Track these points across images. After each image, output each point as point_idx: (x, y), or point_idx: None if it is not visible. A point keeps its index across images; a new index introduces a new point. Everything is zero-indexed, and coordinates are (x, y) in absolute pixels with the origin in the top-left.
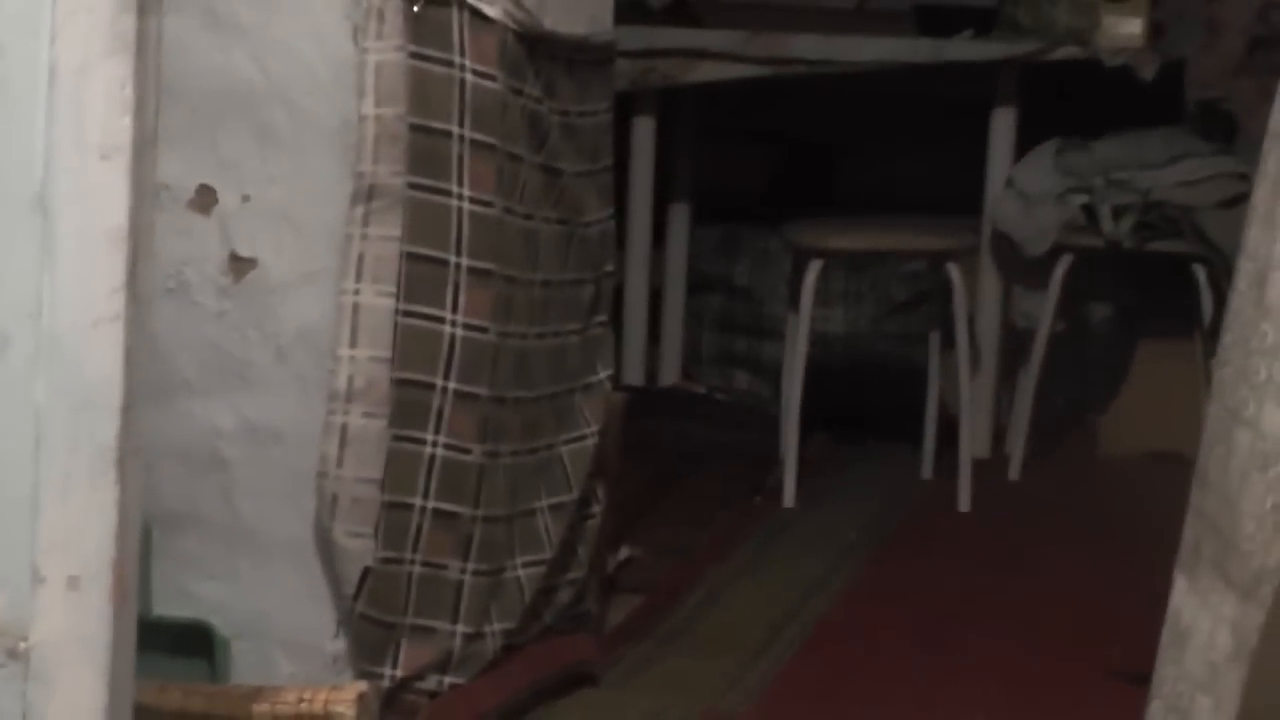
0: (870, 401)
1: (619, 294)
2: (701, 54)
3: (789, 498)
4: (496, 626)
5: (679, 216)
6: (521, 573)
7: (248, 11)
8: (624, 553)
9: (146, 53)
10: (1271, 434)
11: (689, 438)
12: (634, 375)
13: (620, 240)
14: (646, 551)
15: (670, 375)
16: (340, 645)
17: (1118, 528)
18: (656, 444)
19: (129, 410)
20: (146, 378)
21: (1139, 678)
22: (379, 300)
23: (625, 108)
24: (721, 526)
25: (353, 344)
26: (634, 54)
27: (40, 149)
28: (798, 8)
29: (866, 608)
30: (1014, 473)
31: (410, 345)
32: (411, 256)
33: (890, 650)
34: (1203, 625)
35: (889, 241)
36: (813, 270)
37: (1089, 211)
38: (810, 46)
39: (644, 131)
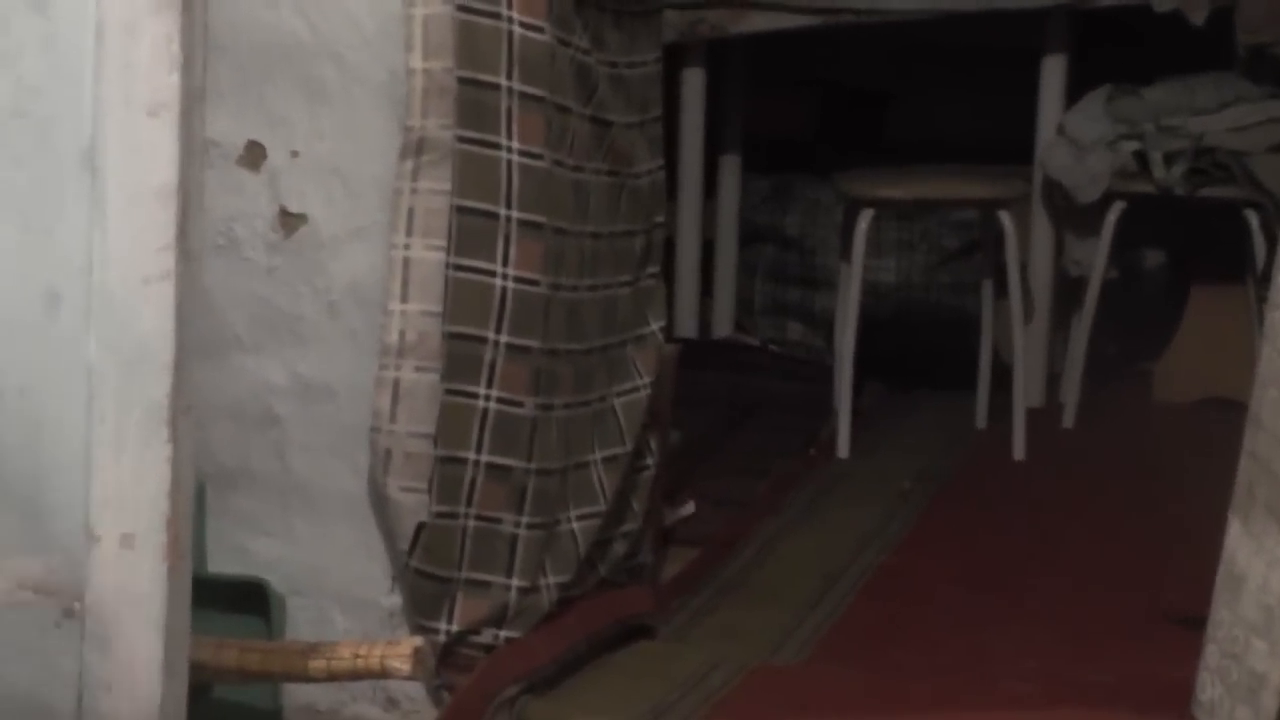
0: (924, 351)
1: (671, 246)
2: (750, 4)
3: (843, 448)
4: (551, 580)
5: (730, 168)
6: (576, 525)
7: None
8: (689, 507)
9: (193, 9)
10: None
11: (743, 389)
12: (687, 327)
13: (671, 192)
14: (702, 503)
15: (723, 327)
16: (395, 600)
17: (1172, 474)
18: (710, 396)
19: (180, 367)
20: (198, 335)
21: (1195, 621)
22: (429, 254)
23: (675, 59)
24: (776, 478)
25: (404, 298)
26: (682, 5)
27: (89, 106)
28: None
29: (921, 557)
30: (1068, 420)
31: (461, 299)
32: (461, 210)
33: (944, 599)
34: (1257, 569)
35: (940, 190)
36: (864, 220)
37: (1140, 158)
38: None
39: (693, 83)
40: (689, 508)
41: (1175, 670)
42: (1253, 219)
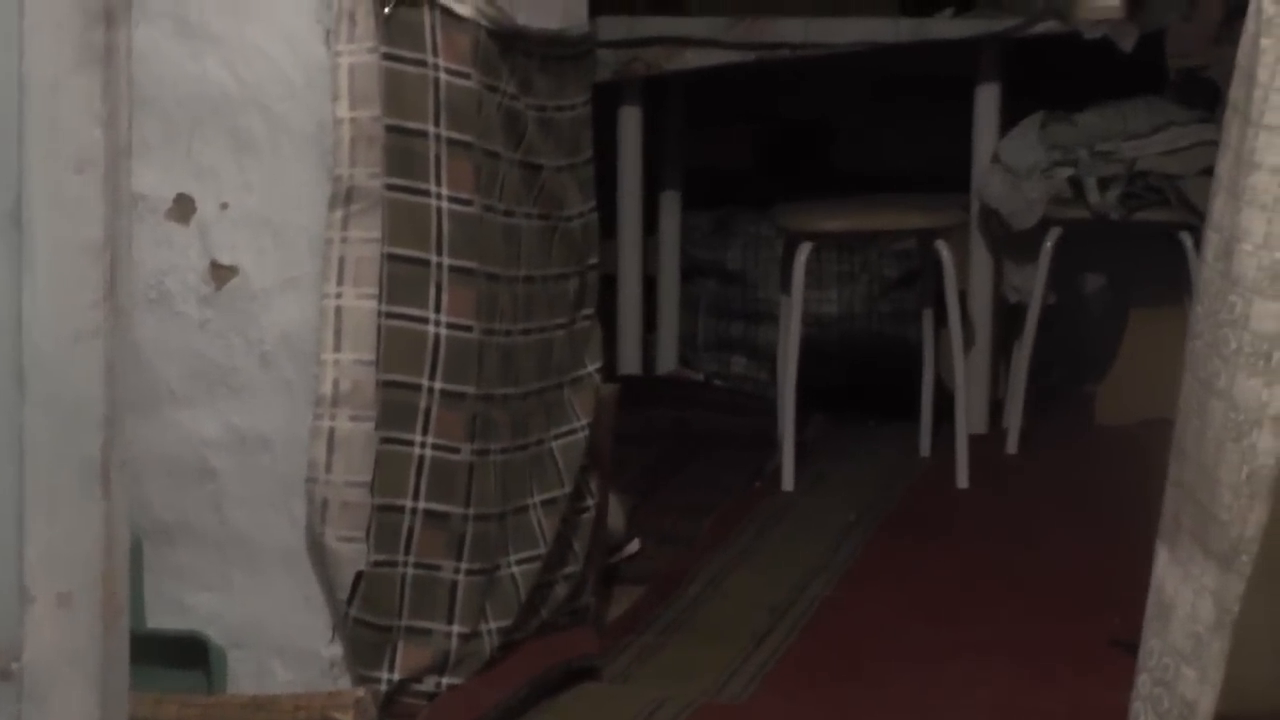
0: (867, 381)
1: (612, 283)
2: (684, 42)
3: (788, 481)
4: (493, 625)
5: (670, 204)
6: (516, 570)
7: (218, 19)
8: (633, 546)
9: (117, 64)
10: (1244, 404)
11: (687, 425)
12: (631, 364)
13: (611, 230)
14: (648, 540)
15: (668, 363)
16: (337, 650)
17: (1116, 497)
18: (655, 432)
19: (113, 423)
20: (131, 389)
21: (1139, 646)
22: (361, 303)
23: (612, 97)
24: (721, 513)
25: (337, 348)
26: (617, 44)
27: (14, 163)
28: None
29: (867, 588)
30: (1012, 446)
31: (394, 347)
32: (392, 258)
33: (892, 629)
34: (1185, 597)
35: (877, 222)
36: (803, 253)
37: (1075, 183)
38: (793, 30)
39: (631, 121)
40: (634, 546)
41: (1123, 697)
42: (1187, 241)
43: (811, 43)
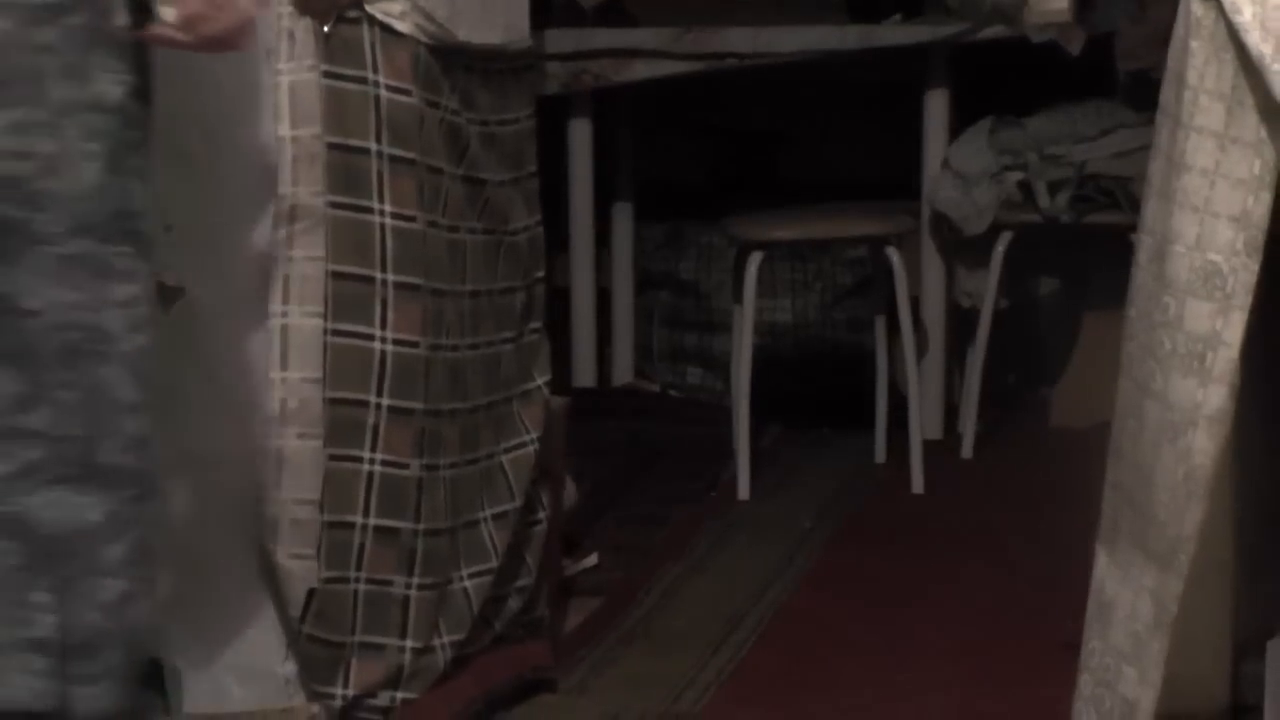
0: (822, 389)
1: (565, 296)
2: (633, 53)
3: (743, 490)
4: (446, 639)
5: (623, 215)
6: (468, 584)
7: None
8: (591, 559)
9: None
10: (1179, 405)
11: (643, 436)
12: (586, 376)
13: (563, 243)
14: (605, 552)
15: (623, 375)
16: (291, 668)
17: (1071, 500)
18: (610, 444)
19: None
20: None
21: None
22: (307, 321)
23: (561, 110)
24: (677, 524)
25: (283, 366)
26: (566, 56)
27: None
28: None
29: (822, 595)
30: (966, 451)
31: (341, 364)
32: (337, 275)
33: (847, 635)
34: (1125, 597)
35: (827, 229)
36: (754, 262)
37: (1025, 188)
38: (741, 40)
39: (581, 133)
40: (592, 559)
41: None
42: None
43: (759, 52)
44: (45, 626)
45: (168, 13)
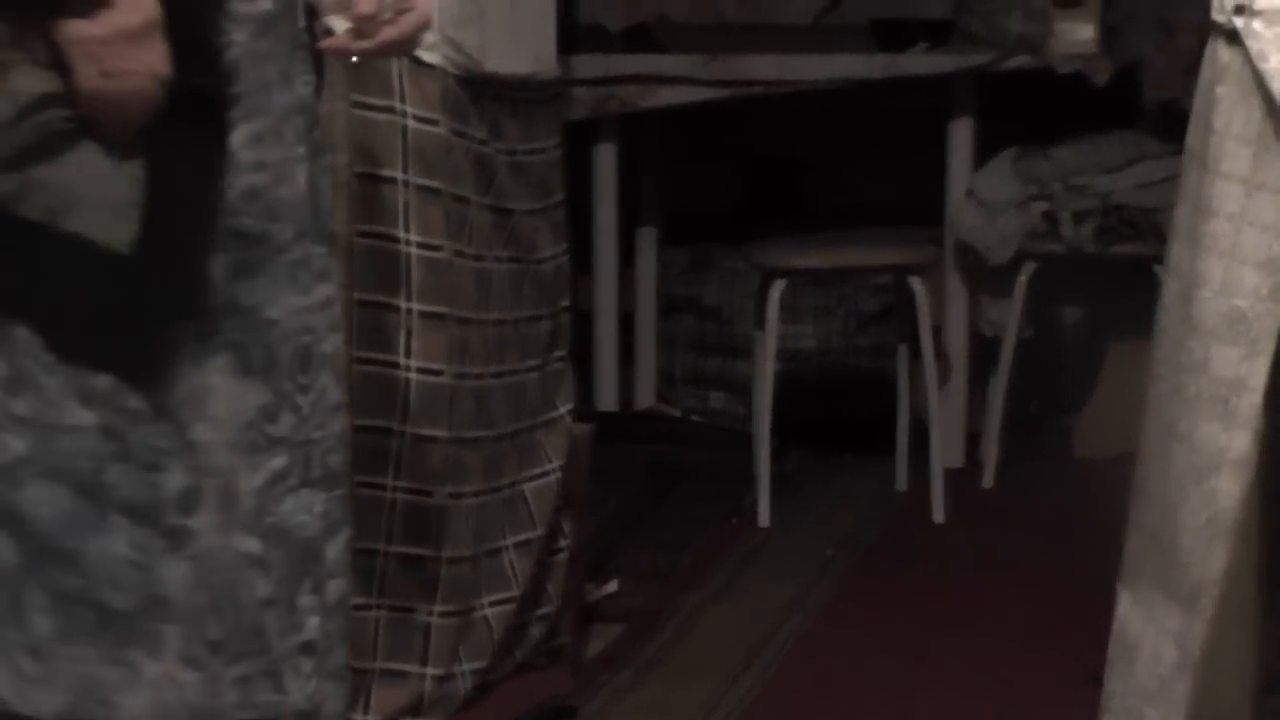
0: (844, 416)
1: (589, 320)
2: (659, 79)
3: (764, 517)
4: (467, 667)
5: (647, 240)
6: (490, 611)
7: None
8: (612, 585)
9: None
10: (1203, 449)
11: (665, 461)
12: (608, 400)
13: (588, 266)
14: (626, 578)
15: (646, 399)
16: None
17: (1093, 530)
18: (632, 469)
19: None
20: None
21: None
22: None
23: (587, 135)
24: (698, 550)
25: None
26: (592, 82)
27: None
28: (756, 27)
29: (844, 624)
30: (988, 480)
31: (365, 392)
32: (362, 304)
33: (869, 664)
34: (1148, 639)
35: (850, 258)
36: (776, 290)
37: (1050, 218)
38: (767, 67)
39: (606, 158)
40: (612, 586)
41: None
42: (1163, 274)
43: (786, 79)
44: (311, 629)
45: (338, 23)
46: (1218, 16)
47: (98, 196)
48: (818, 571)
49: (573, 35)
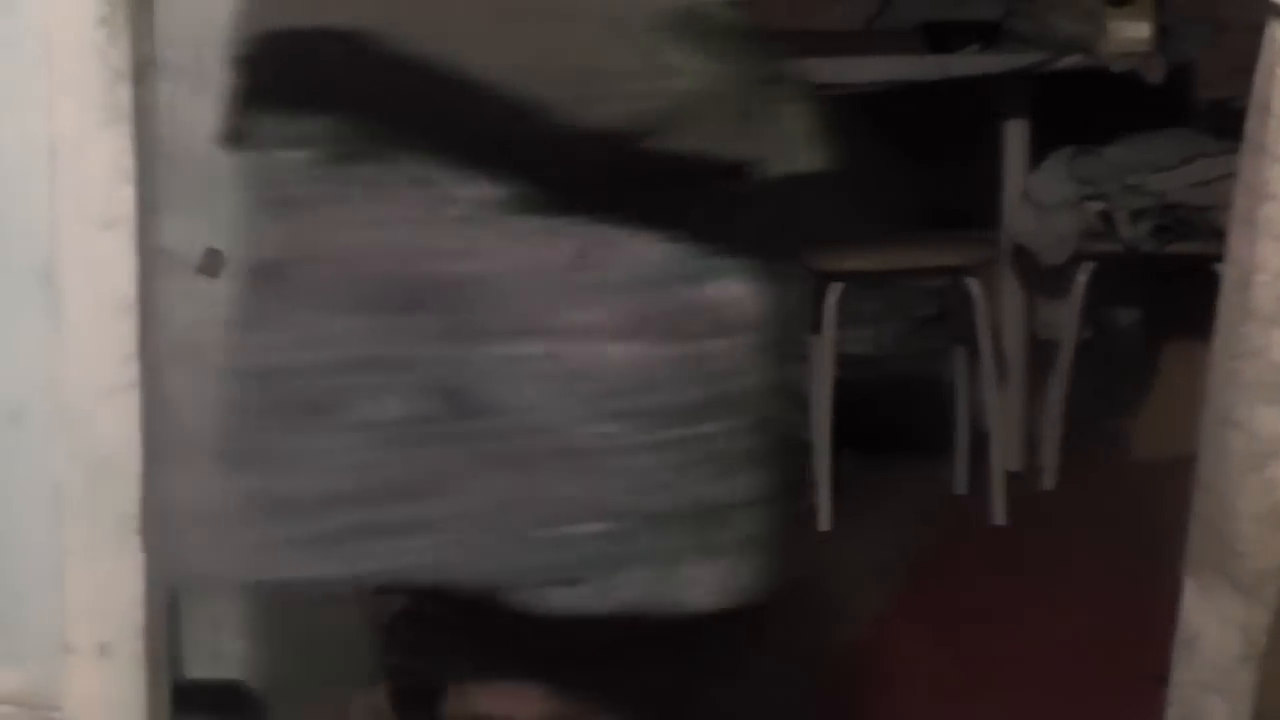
0: (901, 419)
1: None
2: None
3: (824, 520)
4: None
5: None
6: None
7: None
8: None
9: (143, 121)
10: (1263, 435)
11: None
12: None
13: None
14: None
15: None
16: (377, 696)
17: (1153, 532)
18: None
19: (148, 476)
20: (163, 442)
21: None
22: None
23: None
24: None
25: None
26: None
27: (43, 222)
28: (808, 31)
29: (907, 625)
30: (1048, 482)
31: None
32: None
33: (928, 668)
34: (1211, 628)
35: (906, 260)
36: (833, 293)
37: (1106, 217)
38: (819, 70)
39: None
40: None
41: None
42: (1221, 274)
43: (838, 82)
44: None
45: None
46: None
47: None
48: (880, 574)
49: None
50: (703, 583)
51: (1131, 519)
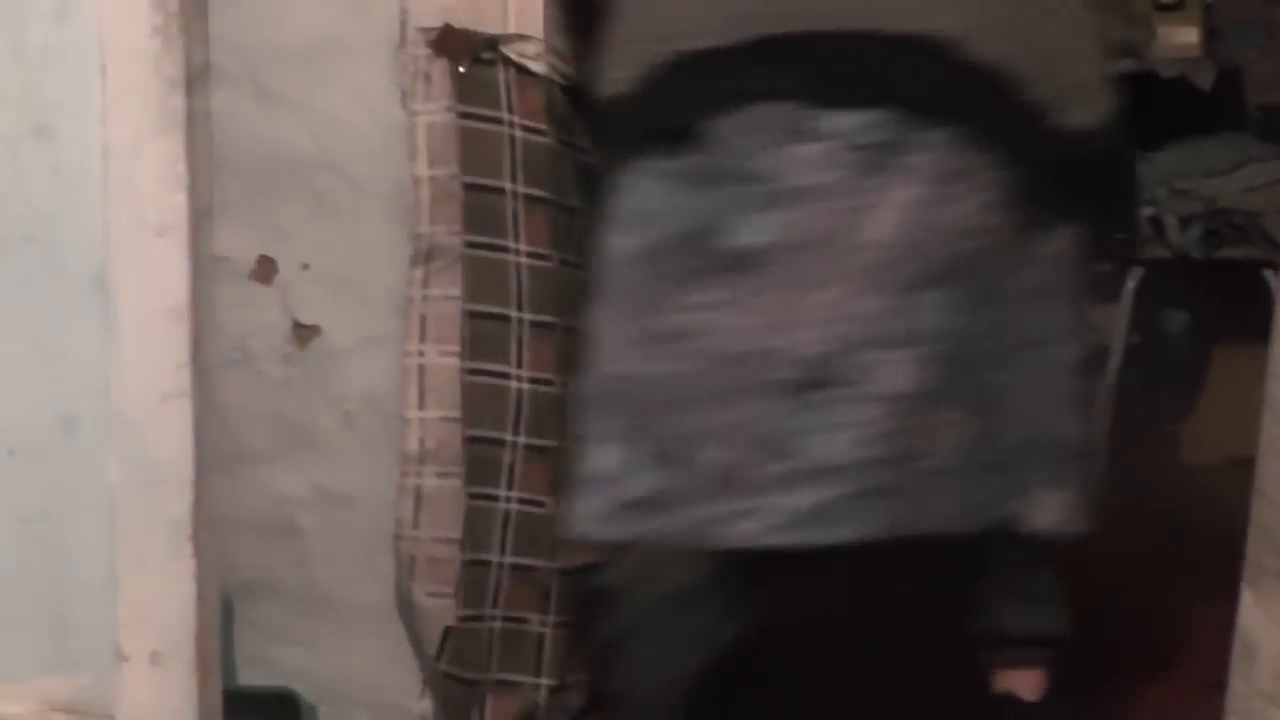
0: None
1: None
2: None
3: None
4: (581, 677)
5: None
6: None
7: (295, 81)
8: None
9: (197, 129)
10: None
11: None
12: None
13: None
14: None
15: None
16: (425, 705)
17: (1205, 536)
18: None
19: (201, 484)
20: (216, 449)
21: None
22: (444, 360)
23: None
24: None
25: (421, 405)
26: None
27: (98, 229)
28: None
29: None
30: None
31: (478, 403)
32: (473, 314)
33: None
34: (1271, 638)
35: None
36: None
37: (1155, 222)
38: None
39: None
40: None
41: None
42: (1271, 278)
43: None
44: None
45: None
46: None
47: None
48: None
49: None
50: (1051, 508)
51: (1183, 523)
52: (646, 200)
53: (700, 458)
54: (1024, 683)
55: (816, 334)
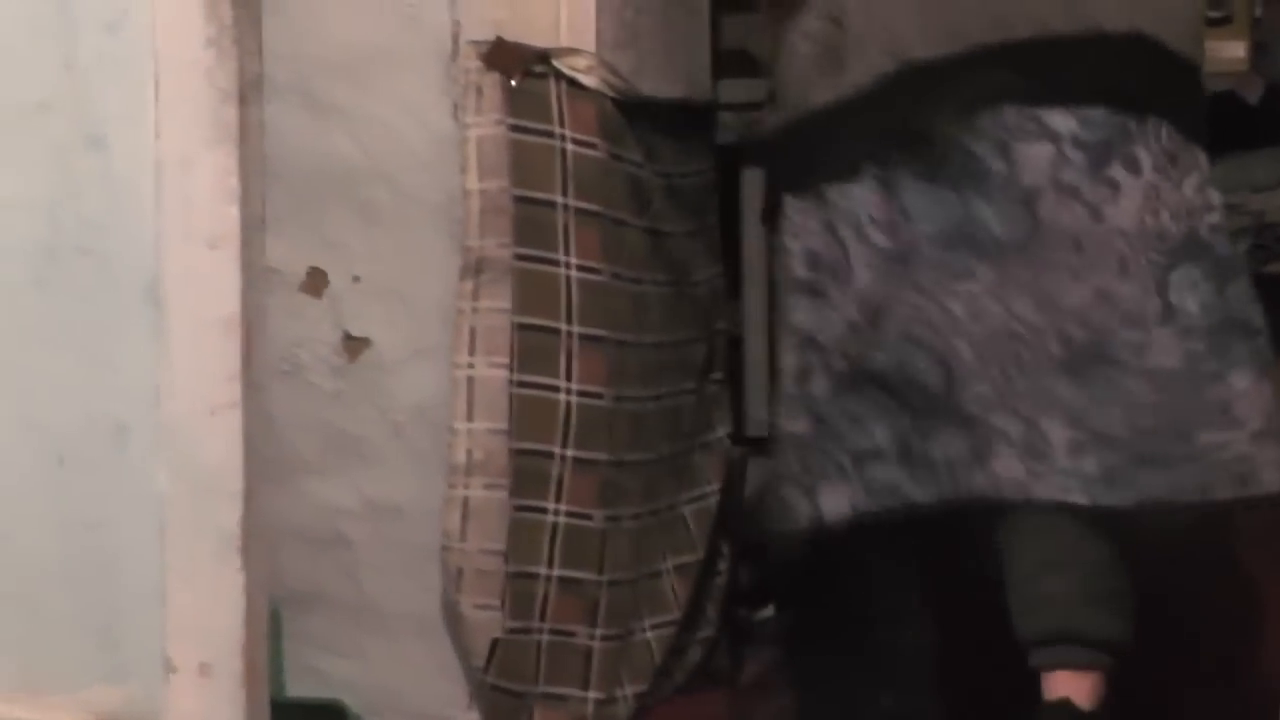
0: None
1: (738, 346)
2: None
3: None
4: (628, 690)
5: None
6: (650, 635)
7: (346, 94)
8: (769, 609)
9: (249, 141)
10: None
11: None
12: (758, 426)
13: (736, 292)
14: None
15: None
16: (472, 717)
17: (1254, 556)
18: None
19: (250, 494)
20: (266, 460)
21: None
22: (493, 372)
23: (735, 159)
24: None
25: (469, 417)
26: (739, 106)
27: (150, 240)
28: None
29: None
30: None
31: (526, 415)
32: (522, 327)
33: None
34: None
35: None
36: None
37: None
38: None
39: (754, 182)
40: (769, 609)
41: None
42: None
43: None
44: None
45: None
46: None
47: None
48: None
49: (718, 61)
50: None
51: (1235, 538)
52: (905, 198)
53: (990, 423)
54: (1080, 688)
55: (1080, 318)
